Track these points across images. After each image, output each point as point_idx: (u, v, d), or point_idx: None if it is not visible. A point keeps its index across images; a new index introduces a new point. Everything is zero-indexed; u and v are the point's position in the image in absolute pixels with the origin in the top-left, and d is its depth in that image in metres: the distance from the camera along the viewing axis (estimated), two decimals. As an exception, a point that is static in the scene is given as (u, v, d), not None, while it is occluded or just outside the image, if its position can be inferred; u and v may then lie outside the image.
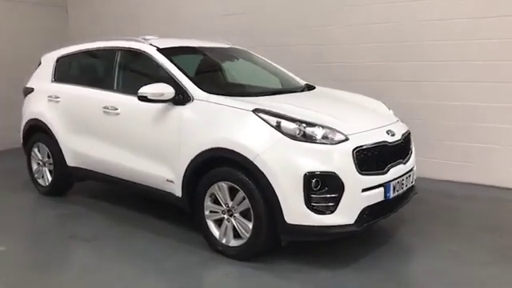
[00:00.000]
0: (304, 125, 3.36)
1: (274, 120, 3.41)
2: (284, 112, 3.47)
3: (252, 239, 3.48)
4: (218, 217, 3.70)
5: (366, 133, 3.55)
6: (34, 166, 5.42)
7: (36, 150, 5.34)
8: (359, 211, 3.34)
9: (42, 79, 5.39)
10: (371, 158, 3.44)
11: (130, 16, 8.08)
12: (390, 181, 3.53)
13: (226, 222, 3.64)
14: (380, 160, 3.52)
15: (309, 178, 3.22)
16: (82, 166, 4.85)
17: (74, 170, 4.96)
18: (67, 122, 4.90)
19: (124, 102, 4.32)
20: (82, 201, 5.14)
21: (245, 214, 3.53)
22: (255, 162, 3.33)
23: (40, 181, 5.38)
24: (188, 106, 3.82)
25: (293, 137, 3.32)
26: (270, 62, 5.08)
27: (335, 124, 3.46)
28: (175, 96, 3.86)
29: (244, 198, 3.47)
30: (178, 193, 3.90)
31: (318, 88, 4.65)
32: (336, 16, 6.15)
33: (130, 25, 7.96)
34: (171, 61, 4.12)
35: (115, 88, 4.51)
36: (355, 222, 3.32)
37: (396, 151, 3.68)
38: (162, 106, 3.95)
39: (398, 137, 3.72)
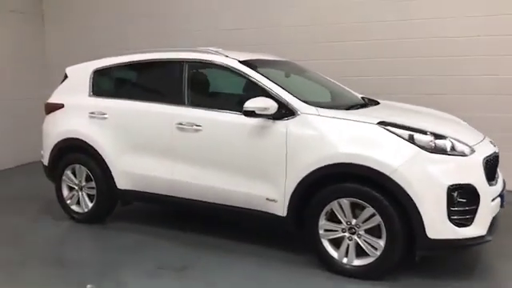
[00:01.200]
0: (433, 137, 3.35)
1: (405, 133, 3.36)
2: (408, 125, 3.44)
3: (383, 256, 3.37)
4: (335, 235, 3.54)
5: (478, 144, 3.62)
6: (66, 192, 4.85)
7: (69, 172, 4.78)
8: (490, 221, 3.38)
9: (73, 94, 4.86)
10: (490, 169, 3.51)
11: (111, 27, 7.68)
12: (502, 190, 3.63)
13: (347, 240, 3.50)
14: (493, 171, 3.60)
15: (451, 190, 3.21)
16: (138, 189, 4.42)
17: (125, 194, 4.50)
18: (119, 141, 4.44)
19: (207, 117, 4.02)
20: (134, 228, 4.65)
21: (371, 231, 3.42)
22: (393, 177, 3.25)
23: (75, 207, 4.82)
24: (293, 120, 3.64)
25: (427, 149, 3.29)
26: (321, 75, 5.02)
27: (456, 136, 3.49)
28: (277, 110, 3.67)
29: (373, 215, 3.37)
30: (281, 212, 3.69)
31: (382, 102, 4.66)
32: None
33: (112, 35, 7.57)
34: (261, 74, 3.92)
35: (187, 103, 4.17)
36: (487, 232, 3.36)
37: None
38: (258, 121, 3.73)
39: (496, 147, 3.84)
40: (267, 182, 3.74)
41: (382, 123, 3.44)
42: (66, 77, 5.06)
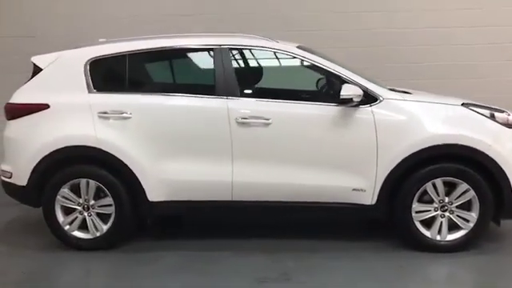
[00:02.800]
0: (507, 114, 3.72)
1: (487, 112, 3.65)
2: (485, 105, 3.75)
3: (476, 227, 3.62)
4: (427, 216, 3.65)
5: None
6: (60, 216, 3.80)
7: (67, 191, 3.76)
8: None
9: (59, 91, 3.81)
10: None
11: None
12: None
13: (439, 218, 3.64)
14: None
15: None
16: (182, 199, 3.75)
17: (160, 206, 3.76)
18: (153, 145, 3.68)
19: (277, 110, 3.65)
20: (173, 245, 3.92)
21: (462, 206, 3.63)
22: (488, 153, 3.51)
23: (78, 233, 3.82)
24: (377, 106, 3.60)
25: (506, 125, 3.65)
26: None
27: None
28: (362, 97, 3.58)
29: (467, 191, 3.58)
30: (370, 201, 3.64)
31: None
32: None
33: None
34: (328, 60, 3.75)
35: (241, 94, 3.72)
36: None
37: None
38: (338, 109, 3.59)
39: None
40: (353, 172, 3.63)
41: (464, 104, 3.67)
42: (37, 69, 3.93)
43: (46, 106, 3.77)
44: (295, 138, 3.66)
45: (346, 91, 3.47)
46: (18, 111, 3.84)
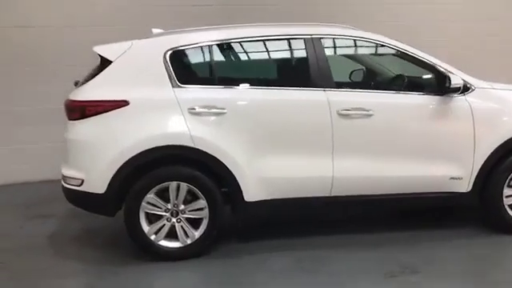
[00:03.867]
0: None
1: None
2: None
3: None
4: (517, 199, 3.77)
5: None
6: (145, 225, 3.41)
7: (153, 196, 3.38)
8: None
9: (136, 85, 3.42)
10: None
11: None
12: None
13: (525, 202, 3.79)
14: None
15: None
16: (281, 197, 3.53)
17: (257, 206, 3.51)
18: (251, 141, 3.43)
19: (378, 101, 3.58)
20: (277, 245, 3.68)
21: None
22: None
23: (165, 242, 3.46)
24: (471, 95, 3.65)
25: None
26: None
27: None
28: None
29: None
30: (465, 188, 3.70)
31: None
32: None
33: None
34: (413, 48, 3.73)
35: (336, 85, 3.58)
36: None
37: None
38: (437, 99, 3.60)
39: None
40: (452, 161, 3.66)
41: None
42: (104, 61, 3.48)
43: (124, 103, 3.35)
44: (396, 130, 3.61)
45: (456, 81, 3.48)
46: (89, 109, 3.37)
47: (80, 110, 3.40)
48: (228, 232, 3.87)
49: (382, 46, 3.70)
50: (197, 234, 3.47)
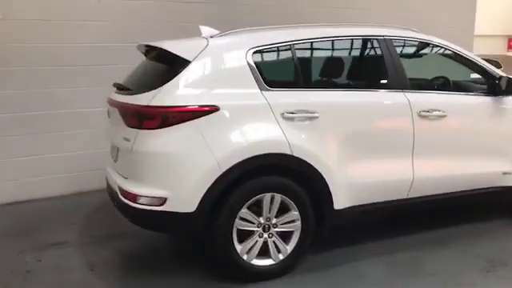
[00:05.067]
0: None
1: None
2: None
3: None
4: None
5: None
6: (237, 243, 3.07)
7: (246, 211, 3.06)
8: None
9: (222, 88, 3.06)
10: None
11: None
12: None
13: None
14: None
15: None
16: (367, 202, 3.44)
17: (344, 213, 3.35)
18: (341, 146, 3.26)
19: (450, 101, 3.69)
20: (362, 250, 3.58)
21: None
22: None
23: (257, 261, 3.15)
24: None
25: None
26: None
27: None
28: None
29: None
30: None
31: None
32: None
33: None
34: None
35: (411, 86, 3.56)
36: None
37: None
38: (496, 99, 3.80)
39: None
40: (504, 157, 3.88)
41: None
42: (179, 61, 3.05)
43: (214, 109, 2.97)
44: (464, 129, 3.74)
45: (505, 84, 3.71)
46: (174, 117, 2.92)
47: (161, 118, 2.93)
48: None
49: (441, 47, 3.81)
50: (289, 248, 3.22)
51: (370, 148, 3.39)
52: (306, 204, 3.20)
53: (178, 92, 2.98)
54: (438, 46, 3.82)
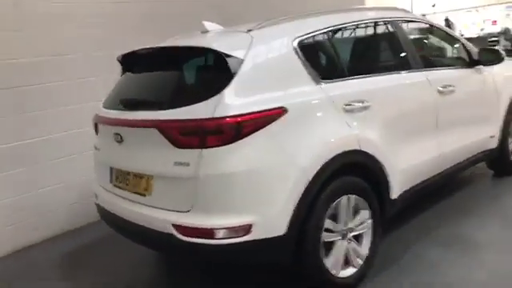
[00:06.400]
0: None
1: None
2: None
3: None
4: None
5: None
6: (325, 256, 2.72)
7: (329, 220, 2.72)
8: None
9: (280, 85, 2.65)
10: None
11: None
12: None
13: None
14: None
15: None
16: (410, 186, 3.34)
17: (397, 202, 3.21)
18: (390, 133, 3.09)
19: (457, 76, 3.83)
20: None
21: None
22: None
23: (344, 272, 2.83)
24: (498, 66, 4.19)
25: None
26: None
27: None
28: None
29: None
30: (495, 144, 4.26)
31: None
32: None
33: None
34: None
35: (424, 65, 3.57)
36: None
37: None
38: (472, 71, 4.02)
39: None
40: (490, 122, 4.16)
41: None
42: (230, 60, 2.54)
43: (283, 111, 2.55)
44: (468, 102, 3.90)
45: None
46: (247, 126, 2.42)
47: (234, 130, 2.40)
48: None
49: (431, 25, 3.91)
50: (364, 251, 2.96)
51: (411, 130, 3.32)
52: (373, 200, 2.98)
53: (242, 96, 2.48)
54: (426, 23, 3.91)
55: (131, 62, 3.13)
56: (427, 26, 3.92)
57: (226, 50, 2.55)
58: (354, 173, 2.85)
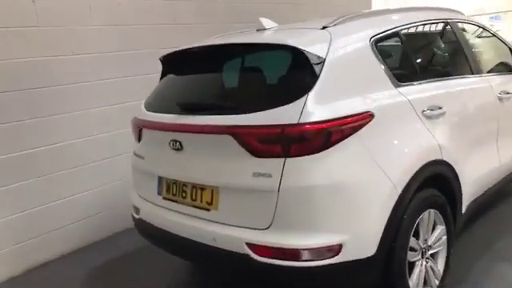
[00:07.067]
0: None
1: None
2: None
3: None
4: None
5: None
6: (410, 280, 2.46)
7: (413, 238, 2.47)
8: None
9: (362, 89, 2.39)
10: None
11: None
12: None
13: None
14: None
15: None
16: (475, 197, 3.12)
17: (466, 214, 3.00)
18: (462, 141, 2.88)
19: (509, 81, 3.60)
20: None
21: None
22: None
23: (423, 292, 2.58)
24: None
25: None
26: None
27: None
28: None
29: None
30: None
31: None
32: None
33: None
34: None
35: (482, 70, 3.39)
36: None
37: None
38: None
39: None
40: None
41: None
42: (315, 61, 2.26)
43: (370, 116, 2.28)
44: None
45: None
46: (336, 133, 2.14)
47: (323, 137, 2.12)
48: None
49: (484, 29, 3.74)
50: (440, 270, 2.71)
51: (479, 138, 3.12)
52: (449, 215, 2.74)
53: (327, 100, 2.20)
54: (480, 27, 3.74)
55: (180, 61, 2.82)
56: (480, 28, 3.74)
57: (307, 48, 2.28)
58: (435, 185, 2.61)
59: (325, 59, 2.27)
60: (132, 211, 3.00)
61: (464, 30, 3.44)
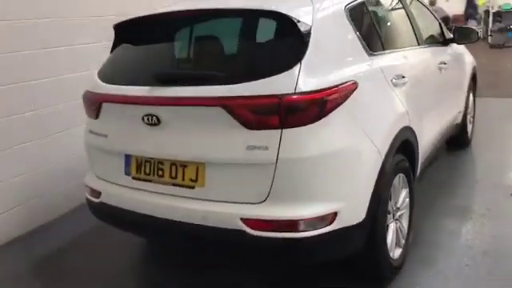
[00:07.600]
0: None
1: None
2: None
3: None
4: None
5: None
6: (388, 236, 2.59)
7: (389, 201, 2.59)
8: None
9: (342, 58, 2.41)
10: None
11: None
12: None
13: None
14: None
15: None
16: (421, 161, 3.31)
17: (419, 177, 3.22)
18: (418, 110, 3.01)
19: (449, 53, 3.92)
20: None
21: None
22: None
23: (395, 255, 2.70)
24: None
25: None
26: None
27: None
28: None
29: None
30: (460, 119, 4.47)
31: None
32: None
33: None
34: None
35: (423, 42, 3.57)
36: None
37: None
38: (451, 46, 4.14)
39: None
40: (458, 98, 4.34)
41: None
42: (304, 29, 2.22)
43: (355, 85, 2.30)
44: (452, 79, 4.06)
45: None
46: (331, 102, 2.13)
47: (319, 107, 2.10)
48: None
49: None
50: (405, 230, 2.87)
51: (428, 106, 3.30)
52: (412, 179, 2.90)
53: (318, 69, 2.18)
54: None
55: (143, 29, 2.59)
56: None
57: (294, 14, 2.22)
58: (402, 151, 2.73)
59: (311, 27, 2.23)
60: (87, 195, 2.75)
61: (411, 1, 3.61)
